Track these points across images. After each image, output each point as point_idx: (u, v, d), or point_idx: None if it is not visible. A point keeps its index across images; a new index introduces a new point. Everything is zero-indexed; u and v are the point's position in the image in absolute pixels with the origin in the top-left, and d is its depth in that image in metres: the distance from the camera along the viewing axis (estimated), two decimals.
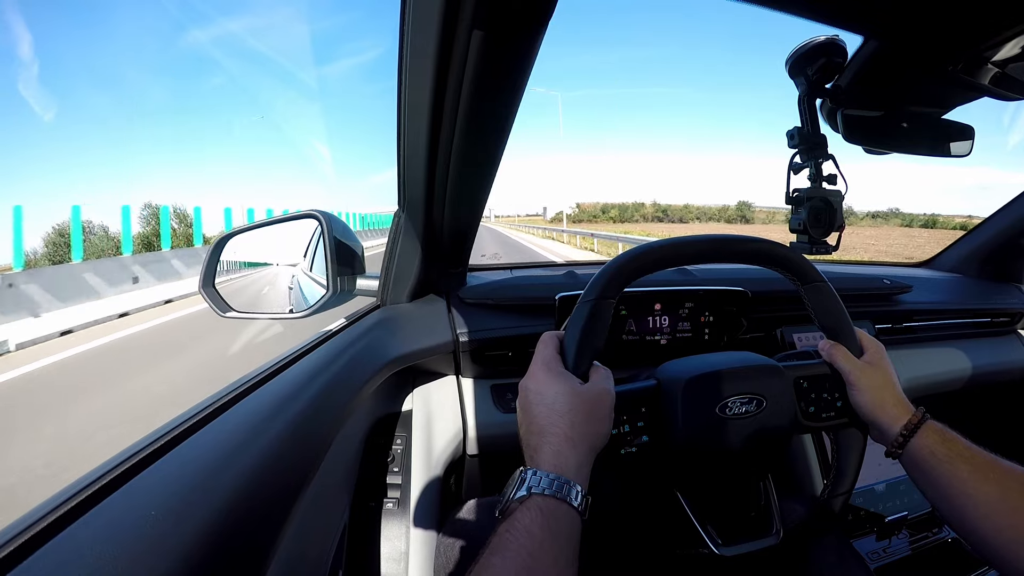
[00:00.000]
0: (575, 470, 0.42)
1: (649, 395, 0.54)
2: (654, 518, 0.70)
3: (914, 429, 0.50)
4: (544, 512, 0.38)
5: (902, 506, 0.90)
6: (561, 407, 0.44)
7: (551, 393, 0.45)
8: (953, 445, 0.49)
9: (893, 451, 0.52)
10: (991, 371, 1.08)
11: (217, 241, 0.84)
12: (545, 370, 0.48)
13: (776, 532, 0.58)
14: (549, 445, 0.42)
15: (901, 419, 0.51)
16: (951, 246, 1.35)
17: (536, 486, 0.40)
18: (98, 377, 4.18)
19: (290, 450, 0.45)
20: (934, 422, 0.51)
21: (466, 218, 0.78)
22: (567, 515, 0.39)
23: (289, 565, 0.45)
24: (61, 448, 2.78)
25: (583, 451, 0.43)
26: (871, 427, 0.55)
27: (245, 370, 0.60)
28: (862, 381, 0.54)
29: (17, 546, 0.29)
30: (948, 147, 0.60)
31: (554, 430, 0.43)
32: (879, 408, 0.53)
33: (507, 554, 0.36)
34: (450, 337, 0.82)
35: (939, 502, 0.50)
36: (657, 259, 0.52)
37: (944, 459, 0.48)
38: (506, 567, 0.35)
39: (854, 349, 0.56)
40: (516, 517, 0.38)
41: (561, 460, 0.42)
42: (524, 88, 0.48)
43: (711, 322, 0.91)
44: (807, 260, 0.56)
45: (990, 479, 0.47)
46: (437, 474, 0.82)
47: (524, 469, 0.41)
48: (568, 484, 0.40)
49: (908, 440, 0.50)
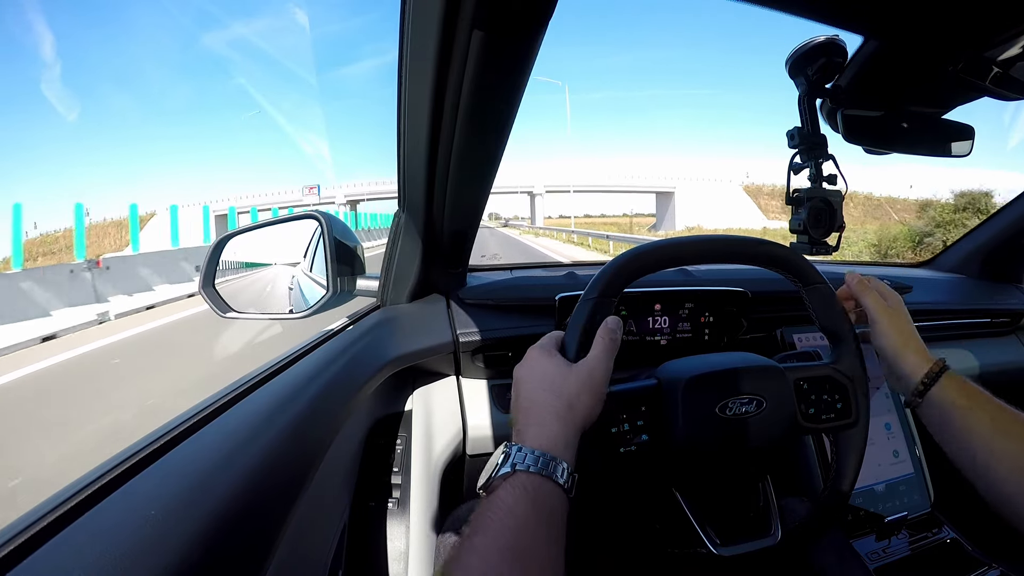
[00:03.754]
0: (562, 447, 0.40)
1: (649, 394, 0.54)
2: (653, 518, 0.70)
3: (936, 377, 0.49)
4: (528, 490, 0.37)
5: (902, 506, 0.90)
6: (550, 383, 0.44)
7: (540, 369, 0.45)
8: (974, 397, 0.48)
9: (913, 399, 0.51)
10: (991, 372, 1.08)
11: (217, 241, 0.84)
12: (538, 351, 0.47)
13: (775, 532, 0.58)
14: (536, 421, 0.41)
15: (922, 366, 0.51)
16: (951, 246, 1.35)
17: (521, 463, 0.38)
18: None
19: (290, 450, 0.45)
20: (954, 372, 0.50)
21: (466, 218, 0.78)
22: (553, 493, 0.38)
23: (289, 565, 0.45)
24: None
25: (572, 428, 0.42)
26: (890, 375, 0.54)
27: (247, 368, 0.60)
28: (886, 322, 0.53)
29: (17, 546, 0.29)
30: (948, 147, 0.60)
31: (543, 406, 0.42)
32: (900, 353, 0.52)
33: (489, 533, 0.35)
34: (450, 337, 0.82)
35: (959, 454, 0.48)
36: (658, 259, 0.52)
37: (965, 411, 0.47)
38: (488, 547, 0.34)
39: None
40: (499, 495, 0.37)
41: (548, 436, 0.40)
42: (524, 88, 0.48)
43: (711, 322, 0.91)
44: (808, 261, 0.56)
45: (1011, 434, 0.45)
46: (437, 474, 0.82)
47: (509, 444, 0.40)
48: (554, 461, 0.39)
49: (929, 388, 0.50)
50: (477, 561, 0.34)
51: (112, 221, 48.81)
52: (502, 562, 0.34)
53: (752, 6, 0.39)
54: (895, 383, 0.54)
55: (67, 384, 3.98)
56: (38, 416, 3.27)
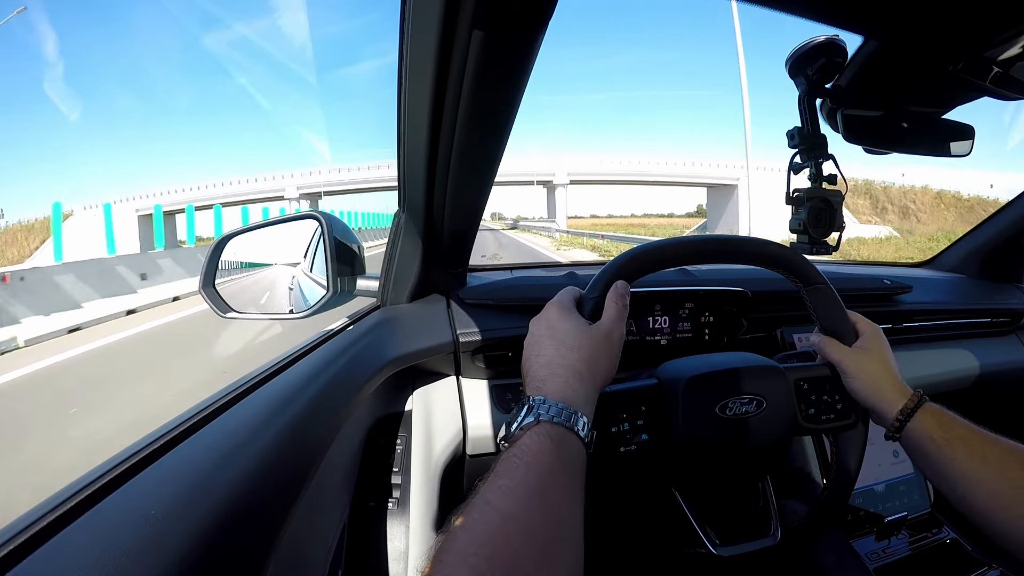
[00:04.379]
0: (583, 402, 0.41)
1: (649, 394, 0.54)
2: (653, 518, 0.70)
3: (910, 413, 0.50)
4: (552, 439, 0.37)
5: (902, 506, 0.90)
6: (571, 341, 0.44)
7: (561, 328, 0.46)
8: (951, 428, 0.49)
9: (891, 435, 0.52)
10: (991, 372, 1.08)
11: (217, 241, 0.84)
12: (558, 308, 0.48)
13: (775, 532, 0.58)
14: (558, 376, 0.42)
15: (898, 403, 0.51)
16: (951, 246, 1.35)
17: (545, 414, 0.39)
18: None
19: (290, 450, 0.45)
20: (932, 404, 0.51)
21: (466, 218, 0.78)
22: (574, 444, 0.39)
23: (289, 565, 0.45)
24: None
25: (590, 385, 0.43)
26: (871, 412, 0.55)
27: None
28: (854, 368, 0.54)
29: (16, 546, 0.29)
30: (948, 147, 0.60)
31: (563, 362, 0.43)
32: (875, 394, 0.53)
33: (516, 476, 0.35)
34: (450, 337, 0.82)
35: (941, 485, 0.50)
36: (658, 259, 0.52)
37: (942, 443, 0.48)
38: (514, 488, 0.34)
39: (848, 342, 0.56)
40: (524, 441, 0.37)
41: (569, 391, 0.41)
42: (524, 88, 0.48)
43: (711, 322, 0.91)
44: (808, 261, 0.56)
45: (989, 461, 0.46)
46: (437, 474, 0.82)
47: (531, 397, 0.40)
48: (576, 414, 0.39)
49: (905, 424, 0.50)
50: (502, 500, 0.33)
51: (21, 225, 38.70)
52: (530, 503, 0.33)
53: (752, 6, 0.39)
54: (874, 419, 0.55)
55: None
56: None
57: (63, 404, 3.42)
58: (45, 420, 3.21)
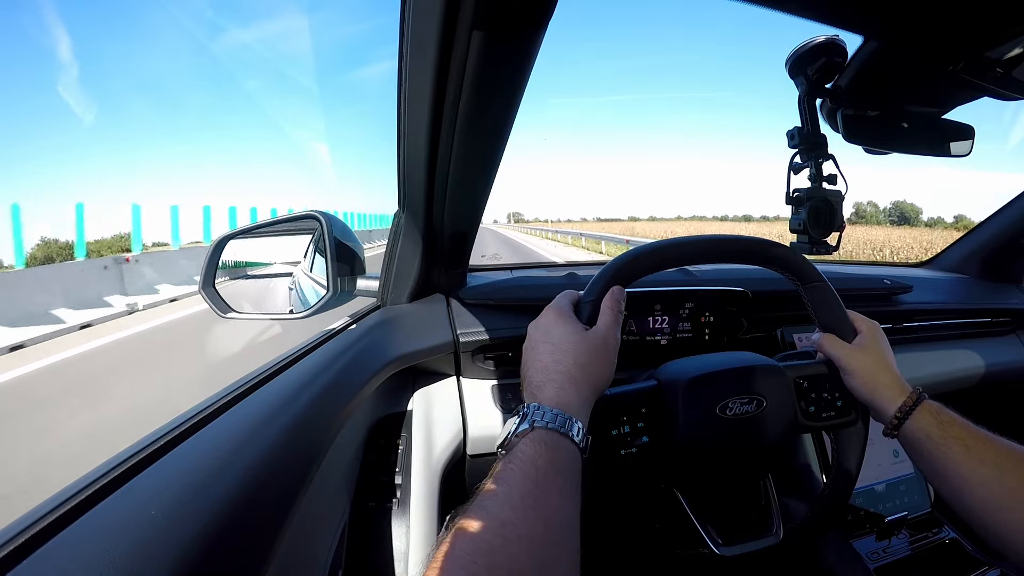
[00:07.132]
0: (577, 407, 0.42)
1: (649, 396, 0.54)
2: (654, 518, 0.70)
3: (908, 411, 0.50)
4: (547, 445, 0.38)
5: (902, 506, 0.90)
6: (567, 346, 0.45)
7: (558, 333, 0.46)
8: (949, 427, 0.49)
9: (889, 432, 0.52)
10: (992, 372, 1.08)
11: (217, 242, 0.84)
12: (555, 312, 0.48)
13: (776, 532, 0.58)
14: (553, 382, 0.42)
15: (896, 400, 0.51)
16: (951, 246, 1.35)
17: (539, 420, 0.39)
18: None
19: (290, 450, 0.45)
20: (931, 402, 0.51)
21: (466, 218, 0.78)
22: (569, 449, 0.39)
23: (289, 565, 0.45)
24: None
25: (586, 391, 0.43)
26: (869, 409, 0.55)
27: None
28: (853, 365, 0.54)
29: (17, 546, 0.29)
30: (948, 147, 0.60)
31: (559, 368, 0.43)
32: (873, 390, 0.53)
33: (512, 482, 0.36)
34: (451, 337, 0.82)
35: (937, 483, 0.50)
36: (658, 259, 0.52)
37: (939, 442, 0.48)
38: (509, 494, 0.35)
39: (848, 340, 0.56)
40: (519, 448, 0.38)
41: (564, 397, 0.41)
42: (524, 88, 0.48)
43: (711, 322, 0.91)
44: (807, 260, 0.56)
45: (986, 461, 0.46)
46: (438, 474, 0.82)
47: (526, 404, 0.41)
48: (570, 419, 0.40)
49: (903, 422, 0.50)
50: (498, 507, 0.34)
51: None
52: (525, 508, 0.34)
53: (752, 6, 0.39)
54: (873, 415, 0.55)
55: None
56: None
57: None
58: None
